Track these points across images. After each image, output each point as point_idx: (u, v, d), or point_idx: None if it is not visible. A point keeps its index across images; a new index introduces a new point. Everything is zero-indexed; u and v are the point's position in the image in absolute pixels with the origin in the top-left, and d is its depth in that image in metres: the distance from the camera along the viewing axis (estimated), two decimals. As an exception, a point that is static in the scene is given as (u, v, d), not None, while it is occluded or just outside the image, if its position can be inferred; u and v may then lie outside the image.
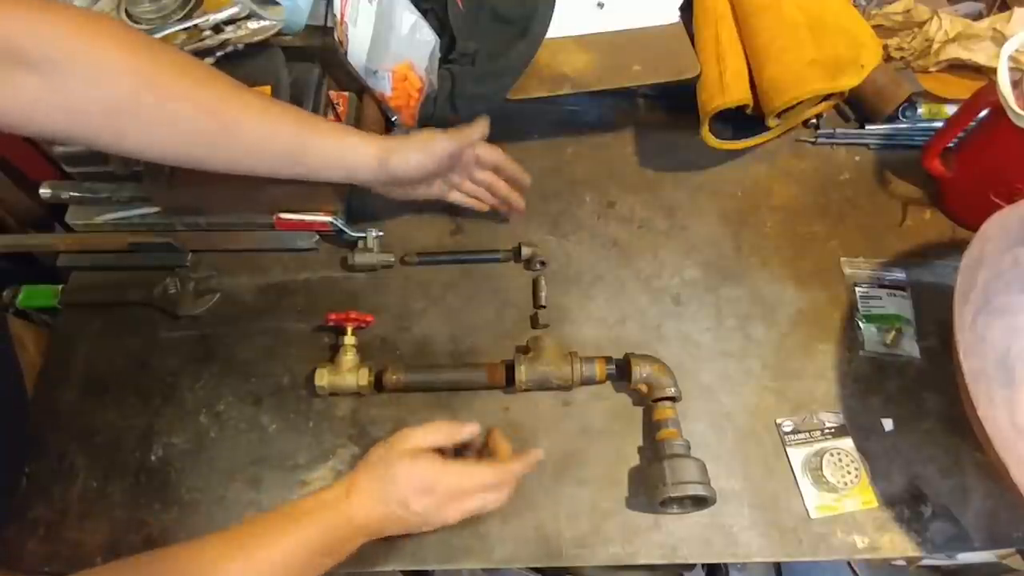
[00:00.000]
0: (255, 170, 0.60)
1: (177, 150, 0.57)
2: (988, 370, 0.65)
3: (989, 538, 0.62)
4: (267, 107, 0.59)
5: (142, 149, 0.56)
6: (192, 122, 0.55)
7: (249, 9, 0.65)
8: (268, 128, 0.58)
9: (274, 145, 0.59)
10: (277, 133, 0.59)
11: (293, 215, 0.74)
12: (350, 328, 0.68)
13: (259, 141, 0.58)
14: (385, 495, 0.54)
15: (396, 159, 0.63)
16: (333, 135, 0.61)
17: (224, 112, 0.56)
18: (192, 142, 0.56)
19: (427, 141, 0.65)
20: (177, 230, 0.76)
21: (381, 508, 0.54)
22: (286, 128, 0.59)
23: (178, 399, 0.69)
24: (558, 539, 0.62)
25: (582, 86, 0.76)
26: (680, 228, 0.79)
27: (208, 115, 0.55)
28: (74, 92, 0.50)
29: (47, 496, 0.64)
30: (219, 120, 0.56)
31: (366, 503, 0.54)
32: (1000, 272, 0.65)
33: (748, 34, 0.77)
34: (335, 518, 0.53)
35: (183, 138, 0.56)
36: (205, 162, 0.58)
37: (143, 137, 0.55)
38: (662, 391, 0.65)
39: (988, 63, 0.81)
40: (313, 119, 0.62)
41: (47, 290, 0.74)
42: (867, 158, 0.84)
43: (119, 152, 0.57)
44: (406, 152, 0.63)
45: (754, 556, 0.61)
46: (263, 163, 0.60)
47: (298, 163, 0.60)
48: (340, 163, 0.62)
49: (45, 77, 0.48)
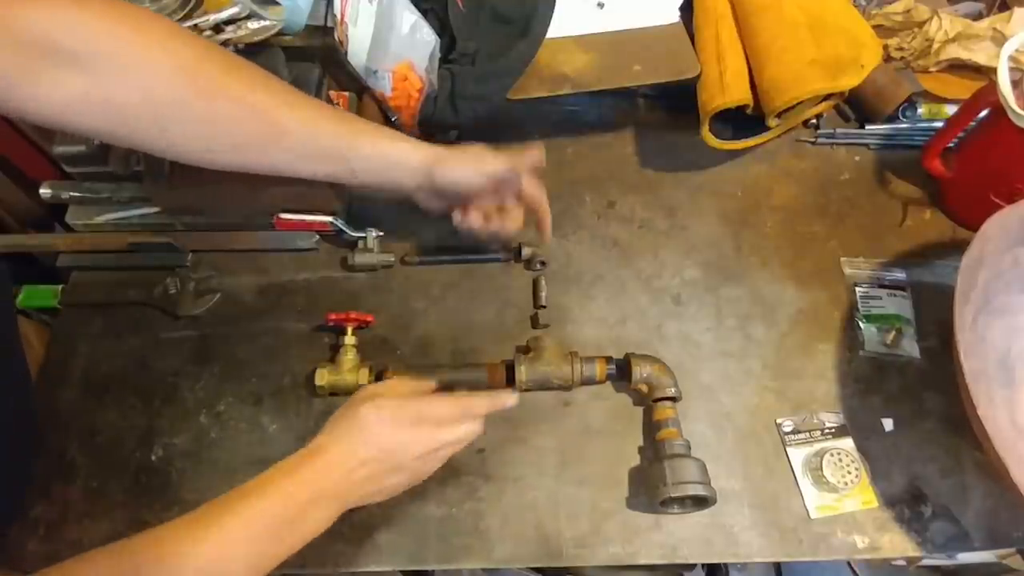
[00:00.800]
0: (299, 173, 0.59)
1: (221, 152, 0.55)
2: (988, 370, 0.65)
3: (989, 538, 0.62)
4: (314, 111, 0.57)
5: (185, 149, 0.55)
6: (237, 124, 0.54)
7: (249, 9, 0.65)
8: (316, 130, 0.57)
9: (321, 147, 0.57)
10: (325, 135, 0.57)
11: (293, 215, 0.73)
12: (350, 328, 0.68)
13: (304, 145, 0.57)
14: (353, 442, 0.52)
15: (444, 170, 0.60)
16: (381, 140, 0.60)
17: (271, 114, 0.54)
18: (236, 144, 0.55)
19: (479, 156, 0.62)
20: (177, 230, 0.76)
21: (352, 458, 0.51)
22: (332, 132, 0.57)
23: (178, 399, 0.69)
24: (558, 539, 0.62)
25: (582, 86, 0.76)
26: (680, 228, 0.79)
27: (254, 117, 0.54)
28: (118, 90, 0.49)
29: (47, 496, 0.64)
30: (265, 123, 0.54)
31: (332, 456, 0.51)
32: (1000, 272, 0.65)
33: (748, 34, 0.77)
34: (296, 481, 0.50)
35: (227, 139, 0.54)
36: (248, 165, 0.57)
37: (187, 137, 0.53)
38: (662, 391, 0.65)
39: (988, 63, 0.81)
40: (362, 124, 0.60)
41: (47, 290, 0.74)
42: (867, 158, 0.84)
43: (161, 153, 0.55)
44: (456, 164, 0.61)
45: (754, 556, 0.61)
46: (308, 167, 0.58)
47: (344, 168, 0.59)
48: (385, 171, 0.60)
49: (87, 74, 0.47)
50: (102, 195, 0.74)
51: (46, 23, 0.45)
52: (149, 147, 0.55)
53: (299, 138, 0.56)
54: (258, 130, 0.55)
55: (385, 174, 0.61)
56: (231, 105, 0.53)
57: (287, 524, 0.49)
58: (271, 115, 0.54)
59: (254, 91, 0.54)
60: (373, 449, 0.52)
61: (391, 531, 0.62)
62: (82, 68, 0.47)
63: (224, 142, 0.55)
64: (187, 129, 0.53)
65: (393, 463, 0.53)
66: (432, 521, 0.62)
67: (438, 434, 0.54)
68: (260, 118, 0.54)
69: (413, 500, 0.63)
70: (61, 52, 0.46)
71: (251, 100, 0.54)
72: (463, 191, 0.63)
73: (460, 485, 0.64)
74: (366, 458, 0.52)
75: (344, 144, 0.58)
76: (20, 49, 0.45)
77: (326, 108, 0.59)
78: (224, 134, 0.54)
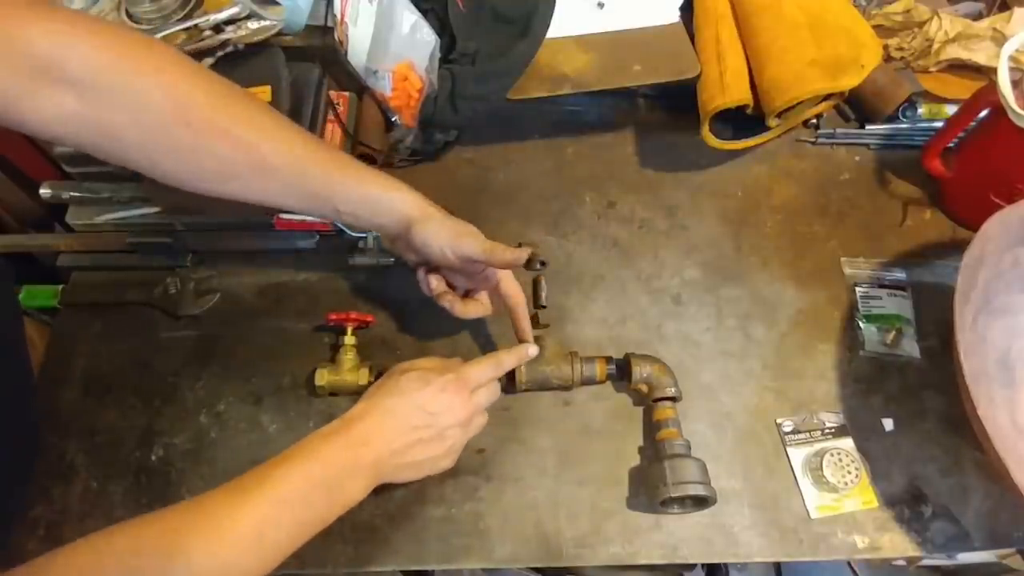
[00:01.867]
0: (285, 207, 0.60)
1: (209, 182, 0.56)
2: (988, 370, 0.65)
3: (989, 538, 0.62)
4: (303, 150, 0.57)
5: (175, 177, 0.56)
6: (225, 159, 0.54)
7: (249, 9, 0.65)
8: (301, 172, 0.57)
9: (304, 189, 0.58)
10: (309, 177, 0.57)
11: (293, 215, 0.74)
12: (350, 328, 0.68)
13: (290, 184, 0.57)
14: (395, 406, 0.54)
15: (420, 230, 0.59)
16: (367, 186, 0.59)
17: (258, 150, 0.55)
18: (224, 176, 0.56)
19: (460, 232, 0.60)
20: (177, 230, 0.76)
21: (395, 423, 0.53)
22: (319, 174, 0.57)
23: (178, 399, 0.69)
24: (558, 539, 0.62)
25: (582, 86, 0.76)
26: (680, 228, 0.79)
27: (242, 153, 0.54)
28: (112, 117, 0.50)
29: (47, 496, 0.64)
30: (253, 158, 0.55)
31: (372, 424, 0.53)
32: (1000, 272, 0.65)
33: (748, 34, 0.77)
34: (335, 447, 0.51)
35: (215, 172, 0.55)
36: (236, 195, 0.57)
37: (176, 167, 0.55)
38: (662, 391, 0.65)
39: (988, 63, 0.81)
40: (351, 167, 0.59)
41: (47, 290, 0.74)
42: (867, 158, 0.84)
43: (152, 176, 0.56)
44: (434, 229, 0.59)
45: (754, 556, 0.61)
46: (294, 203, 0.59)
47: (329, 208, 0.59)
48: (369, 217, 0.60)
49: (85, 98, 0.48)
50: (102, 195, 0.74)
51: (51, 46, 0.46)
52: (140, 170, 0.56)
53: (285, 176, 0.56)
54: (245, 164, 0.55)
55: (368, 220, 0.60)
56: (220, 143, 0.54)
57: (325, 490, 0.50)
58: (258, 151, 0.55)
59: (240, 124, 0.54)
60: (417, 414, 0.53)
61: (391, 531, 0.62)
62: (79, 92, 0.48)
63: (212, 175, 0.55)
64: (178, 160, 0.54)
65: (433, 431, 0.55)
66: (432, 521, 0.62)
67: (475, 397, 0.58)
68: (247, 153, 0.55)
69: (413, 500, 0.63)
70: (63, 75, 0.47)
71: (237, 134, 0.54)
72: (432, 259, 0.62)
73: (460, 485, 0.64)
74: (405, 426, 0.53)
75: (330, 187, 0.58)
76: (24, 67, 0.46)
77: (316, 146, 0.58)
78: (213, 168, 0.55)
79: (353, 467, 0.52)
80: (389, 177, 0.60)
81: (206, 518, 0.46)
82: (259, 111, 0.56)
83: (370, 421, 0.53)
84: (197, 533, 0.45)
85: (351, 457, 0.52)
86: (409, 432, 0.54)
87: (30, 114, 0.48)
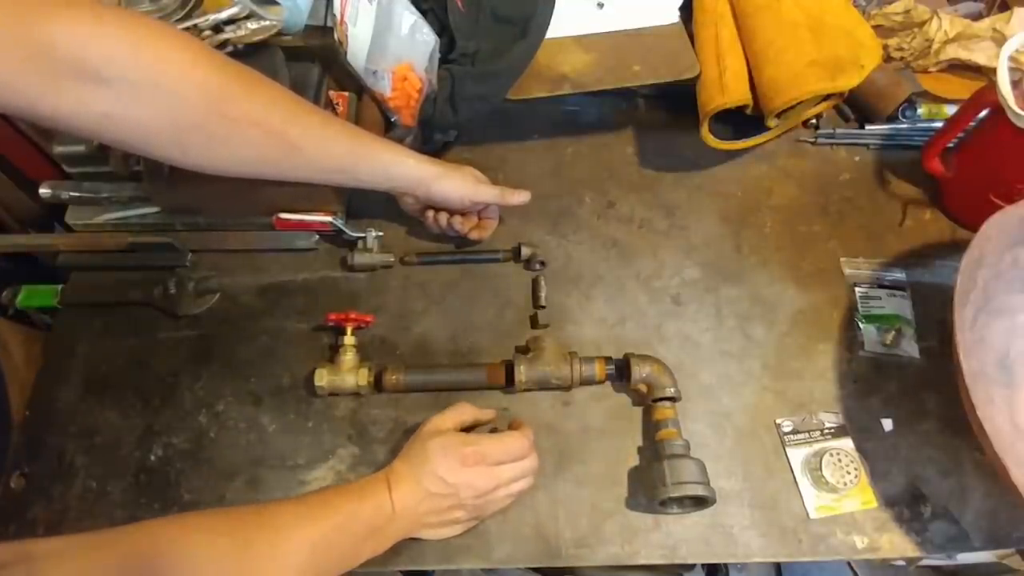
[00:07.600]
0: (309, 181, 0.63)
1: (239, 167, 0.59)
2: (988, 370, 0.65)
3: (989, 538, 0.62)
4: (327, 128, 0.61)
5: (206, 164, 0.58)
6: (256, 144, 0.57)
7: (249, 9, 0.65)
8: (326, 149, 0.61)
9: (330, 163, 0.62)
10: (334, 153, 0.62)
11: (293, 215, 0.74)
12: (350, 328, 0.68)
13: (316, 160, 0.61)
14: (420, 474, 0.56)
15: (440, 186, 0.67)
16: (386, 155, 0.65)
17: (287, 134, 0.58)
18: (254, 160, 0.59)
19: (476, 182, 0.70)
20: (177, 230, 0.76)
21: (419, 489, 0.55)
22: (343, 149, 0.62)
23: (178, 399, 0.69)
24: (558, 539, 0.62)
25: (582, 86, 0.76)
26: (680, 228, 0.79)
27: (272, 137, 0.58)
28: (144, 110, 0.51)
29: (47, 496, 0.64)
30: (282, 142, 0.58)
31: (404, 487, 0.55)
32: (1000, 272, 0.65)
33: (748, 34, 0.77)
34: (378, 499, 0.54)
35: (246, 157, 0.58)
36: (261, 175, 0.61)
37: (208, 154, 0.57)
38: (662, 391, 0.65)
39: (988, 63, 0.81)
40: (368, 139, 0.65)
41: (47, 290, 0.74)
42: (867, 158, 0.84)
43: (183, 165, 0.57)
44: (452, 183, 0.68)
45: (754, 556, 0.61)
46: (317, 177, 0.63)
47: (350, 178, 0.64)
48: (387, 182, 0.66)
49: (116, 94, 0.49)
50: (102, 195, 0.74)
51: (71, 40, 0.46)
52: (168, 161, 0.58)
53: (312, 155, 0.60)
54: (274, 149, 0.58)
55: (386, 184, 0.67)
56: (250, 127, 0.56)
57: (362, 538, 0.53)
58: (287, 135, 0.58)
59: (272, 112, 0.57)
60: (437, 484, 0.56)
61: (390, 531, 0.62)
62: (106, 87, 0.48)
63: (243, 159, 0.58)
64: (210, 148, 0.56)
65: (454, 500, 0.57)
66: (431, 521, 0.62)
67: (497, 471, 0.58)
68: (277, 138, 0.58)
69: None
70: (85, 70, 0.47)
71: (269, 122, 0.57)
72: (451, 207, 0.71)
73: (460, 485, 0.64)
74: (431, 492, 0.56)
75: (353, 160, 0.63)
76: (45, 63, 0.45)
77: (337, 124, 0.63)
78: (244, 154, 0.58)
79: (392, 521, 0.55)
80: (400, 146, 0.66)
81: (272, 534, 0.50)
82: (283, 96, 0.59)
83: (402, 482, 0.56)
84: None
85: (391, 514, 0.55)
86: (432, 497, 0.56)
87: (58, 112, 0.48)
